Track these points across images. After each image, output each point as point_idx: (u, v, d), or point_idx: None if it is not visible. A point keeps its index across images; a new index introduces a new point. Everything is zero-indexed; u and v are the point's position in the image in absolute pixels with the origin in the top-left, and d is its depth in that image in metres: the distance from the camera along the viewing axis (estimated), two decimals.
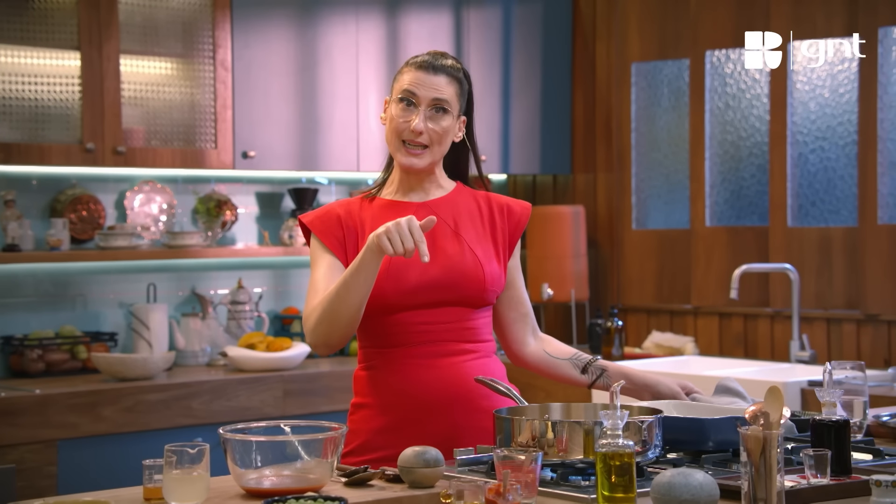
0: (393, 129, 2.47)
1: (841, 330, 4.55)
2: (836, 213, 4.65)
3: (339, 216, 2.48)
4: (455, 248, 2.45)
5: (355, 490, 2.04)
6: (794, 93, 4.71)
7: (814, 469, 2.02)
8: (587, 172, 5.38)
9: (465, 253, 2.45)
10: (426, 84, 2.45)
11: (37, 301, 4.39)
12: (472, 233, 2.49)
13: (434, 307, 2.42)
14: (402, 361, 2.41)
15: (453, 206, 2.51)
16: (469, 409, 2.42)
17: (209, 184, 4.75)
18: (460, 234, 2.48)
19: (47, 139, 4.13)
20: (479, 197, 2.56)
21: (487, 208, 2.54)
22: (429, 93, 2.45)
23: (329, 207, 2.52)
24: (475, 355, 2.47)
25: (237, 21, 4.48)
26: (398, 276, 2.38)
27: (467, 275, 2.44)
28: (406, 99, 2.45)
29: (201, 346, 4.57)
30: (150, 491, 1.95)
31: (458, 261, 2.44)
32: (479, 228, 2.51)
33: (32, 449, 3.78)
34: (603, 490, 1.93)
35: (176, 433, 4.02)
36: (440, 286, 2.41)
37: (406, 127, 2.45)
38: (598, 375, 2.56)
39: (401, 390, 2.40)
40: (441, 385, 2.40)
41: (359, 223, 2.48)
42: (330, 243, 2.45)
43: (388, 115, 2.49)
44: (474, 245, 2.48)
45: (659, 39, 5.14)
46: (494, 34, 5.16)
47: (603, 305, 5.25)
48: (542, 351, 2.59)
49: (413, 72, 2.47)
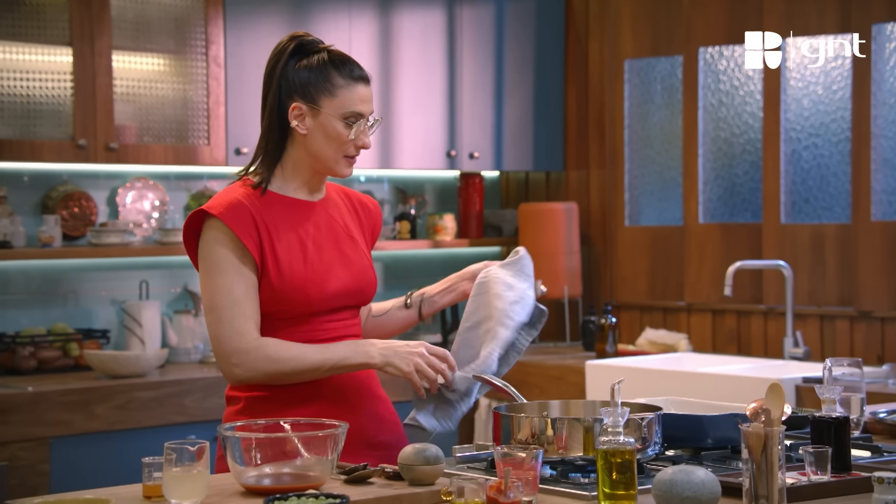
0: (335, 147, 2.39)
1: (834, 327, 4.56)
2: (830, 209, 4.65)
3: (249, 211, 2.34)
4: (355, 254, 2.47)
5: (355, 487, 2.04)
6: (788, 90, 4.72)
7: (814, 466, 2.02)
8: (580, 169, 5.38)
9: (363, 258, 2.49)
10: (366, 100, 2.41)
11: (28, 298, 4.37)
12: (358, 233, 2.52)
13: (339, 310, 2.44)
14: None
15: (336, 204, 2.51)
16: (370, 395, 2.45)
17: (201, 180, 4.74)
18: (354, 238, 2.50)
19: (39, 135, 4.11)
20: (339, 192, 2.56)
21: (350, 203, 2.55)
22: (369, 108, 2.42)
23: (236, 199, 2.36)
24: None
25: (230, 17, 4.47)
26: (321, 283, 2.38)
27: (368, 279, 2.48)
28: (351, 120, 2.38)
29: (194, 344, 4.56)
30: (149, 489, 1.94)
31: (361, 266, 2.47)
32: (358, 228, 2.53)
33: (25, 447, 3.76)
34: (604, 487, 1.93)
35: (169, 431, 4.01)
36: (350, 292, 2.44)
37: (351, 145, 2.40)
38: (420, 301, 2.60)
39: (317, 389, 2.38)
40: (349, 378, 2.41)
41: (268, 219, 2.36)
42: (248, 242, 2.32)
43: (325, 132, 2.37)
44: (363, 247, 2.51)
45: (652, 36, 5.14)
46: (487, 31, 5.15)
47: (596, 302, 5.25)
48: (368, 313, 2.63)
49: (354, 87, 2.39)
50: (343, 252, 2.45)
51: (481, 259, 5.46)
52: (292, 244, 2.38)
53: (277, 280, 2.34)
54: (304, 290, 2.36)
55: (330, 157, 2.41)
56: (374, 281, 2.51)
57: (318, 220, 2.45)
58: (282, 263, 2.35)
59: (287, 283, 2.35)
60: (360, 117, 2.40)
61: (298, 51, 2.41)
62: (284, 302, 2.35)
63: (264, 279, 2.35)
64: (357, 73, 2.41)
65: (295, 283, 2.35)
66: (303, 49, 2.41)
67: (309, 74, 2.39)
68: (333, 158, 2.41)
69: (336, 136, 2.39)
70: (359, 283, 2.46)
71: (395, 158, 4.87)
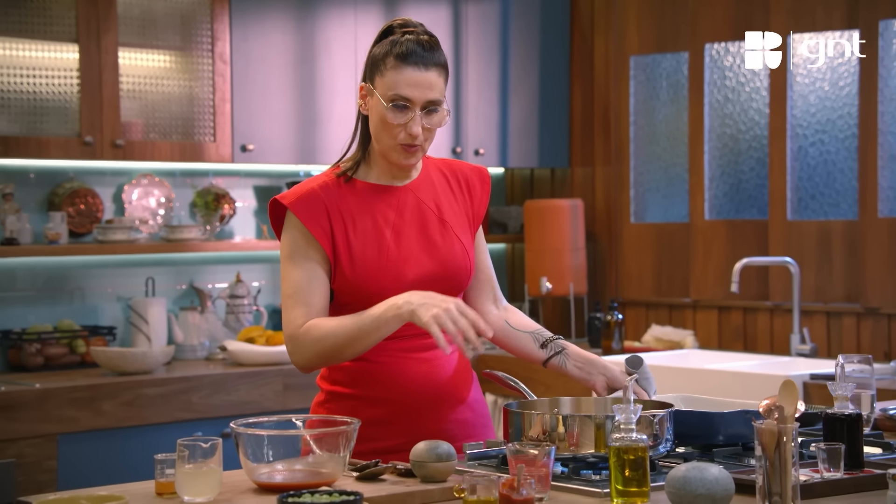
0: (385, 130, 2.32)
1: (841, 323, 4.55)
2: (836, 206, 4.65)
3: (322, 200, 2.33)
4: (444, 238, 2.39)
5: (367, 484, 2.03)
6: (794, 86, 4.71)
7: (827, 463, 2.02)
8: (585, 166, 5.37)
9: (454, 242, 2.40)
10: (420, 84, 2.29)
11: (35, 295, 4.36)
12: (452, 215, 2.43)
13: None
14: (391, 354, 2.35)
15: (430, 185, 2.43)
16: (454, 401, 2.40)
17: (207, 177, 4.74)
18: (445, 220, 2.41)
19: (46, 132, 4.10)
20: (441, 167, 2.48)
21: (455, 180, 2.47)
22: (423, 94, 2.30)
23: (310, 189, 2.35)
24: (454, 345, 2.40)
25: (235, 14, 4.46)
26: (397, 272, 2.32)
27: (458, 265, 2.40)
28: (399, 103, 2.30)
29: (200, 340, 4.56)
30: (162, 485, 1.94)
31: (448, 252, 2.39)
32: (455, 208, 2.44)
33: (32, 443, 3.76)
34: (616, 484, 1.93)
35: (176, 427, 4.01)
36: (435, 279, 2.36)
37: (401, 131, 2.31)
38: (557, 352, 2.48)
39: (393, 384, 2.34)
40: (432, 378, 2.37)
41: (343, 208, 2.34)
42: (316, 232, 2.30)
43: (376, 114, 2.32)
44: (458, 230, 2.42)
45: (657, 33, 5.13)
46: (492, 27, 5.15)
47: (601, 299, 5.24)
48: (503, 321, 2.52)
49: (402, 69, 2.29)
50: (429, 237, 2.38)
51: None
52: (367, 232, 2.33)
53: (350, 270, 2.30)
54: (377, 280, 2.30)
55: (383, 142, 2.34)
56: (468, 266, 2.40)
57: (401, 205, 2.38)
58: (354, 252, 2.31)
59: (360, 272, 2.31)
60: (406, 101, 2.29)
61: (388, 32, 2.36)
62: (359, 291, 2.31)
63: (338, 269, 2.32)
64: (413, 57, 2.29)
65: (368, 272, 2.31)
66: (392, 31, 2.36)
67: (376, 53, 2.34)
68: (387, 144, 2.34)
69: (382, 118, 2.31)
70: (446, 269, 2.37)
71: None
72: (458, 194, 2.46)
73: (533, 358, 2.52)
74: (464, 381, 2.44)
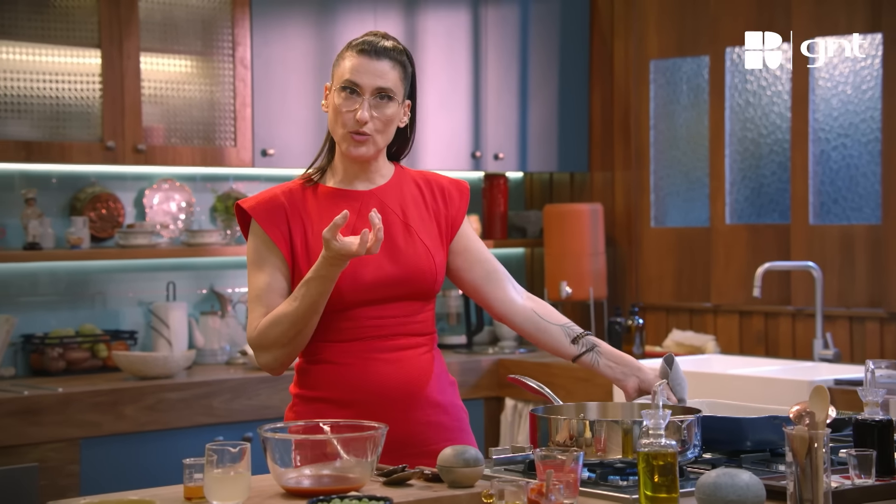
0: (337, 119, 2.37)
1: (864, 328, 4.53)
2: (859, 210, 4.63)
3: (283, 205, 2.38)
4: (407, 242, 2.40)
5: (395, 490, 2.03)
6: (816, 90, 4.69)
7: (858, 469, 2.00)
8: (605, 170, 5.36)
9: (417, 245, 2.41)
10: (369, 71, 2.34)
11: (57, 299, 4.38)
12: (419, 221, 2.44)
13: (387, 302, 2.38)
14: (357, 356, 2.36)
15: (398, 192, 2.45)
16: (425, 403, 2.40)
17: (227, 182, 4.74)
18: (409, 225, 2.43)
19: (68, 137, 4.11)
20: (417, 178, 2.50)
21: (429, 191, 2.48)
22: (372, 80, 2.35)
23: (272, 193, 2.41)
24: (426, 348, 2.44)
25: (256, 18, 4.47)
26: (354, 274, 2.34)
27: (421, 269, 2.40)
28: (348, 87, 2.35)
29: (220, 345, 4.56)
30: (190, 490, 1.94)
31: (410, 255, 2.40)
32: (424, 214, 2.45)
33: (55, 447, 3.77)
34: (646, 490, 1.92)
35: (197, 432, 4.01)
36: (395, 282, 2.38)
37: (350, 117, 2.34)
38: (588, 349, 2.46)
39: (360, 385, 2.35)
40: (401, 380, 2.37)
41: (304, 212, 2.39)
42: (275, 236, 2.35)
43: (331, 104, 2.39)
44: (423, 235, 2.43)
45: (678, 36, 5.12)
46: (512, 31, 5.14)
47: (622, 304, 5.23)
48: (532, 312, 2.50)
49: (354, 57, 2.36)
50: (390, 239, 2.39)
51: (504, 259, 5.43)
52: None
53: (308, 271, 2.31)
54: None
55: (336, 133, 2.39)
56: (430, 269, 2.41)
57: (362, 209, 2.40)
58: (312, 255, 2.34)
59: None
60: (355, 86, 2.35)
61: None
62: None
63: (296, 273, 2.36)
64: (365, 46, 2.37)
65: None
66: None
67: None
68: (339, 134, 2.39)
69: (333, 105, 2.38)
70: (407, 271, 2.39)
71: (419, 159, 4.86)
72: (430, 202, 2.48)
73: (563, 352, 2.49)
74: (437, 385, 2.43)
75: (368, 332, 2.36)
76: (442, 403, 2.42)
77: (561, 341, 2.48)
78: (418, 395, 2.39)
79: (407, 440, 2.33)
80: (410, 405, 2.38)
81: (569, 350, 2.48)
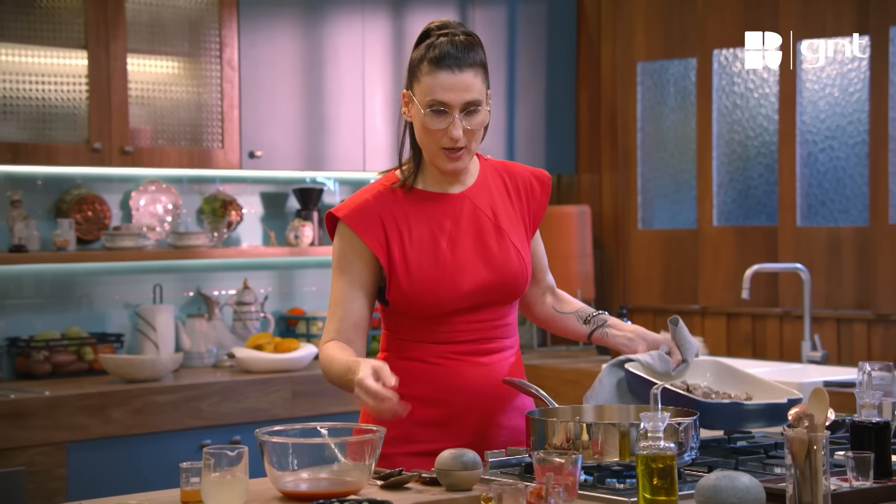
0: (428, 136, 2.30)
1: (851, 330, 4.54)
2: (846, 212, 4.64)
3: (377, 212, 2.33)
4: (500, 246, 2.38)
5: (392, 493, 2.02)
6: (804, 92, 4.70)
7: (855, 472, 2.00)
8: (592, 172, 5.36)
9: (510, 250, 2.39)
10: (455, 87, 2.26)
11: (43, 302, 4.35)
12: (508, 222, 2.41)
13: (482, 308, 2.38)
14: (450, 357, 2.35)
15: (486, 190, 2.41)
16: (506, 406, 2.41)
17: (214, 184, 4.72)
18: (501, 227, 2.40)
19: (54, 139, 4.09)
20: (501, 171, 2.46)
21: (513, 185, 2.45)
22: (460, 97, 2.26)
23: (364, 200, 2.35)
24: (511, 351, 2.45)
25: (244, 20, 4.45)
26: (453, 283, 2.32)
27: (514, 273, 2.39)
28: (436, 108, 2.27)
29: (207, 348, 4.54)
30: (187, 494, 1.92)
31: (504, 260, 2.38)
32: (511, 213, 2.43)
33: (42, 451, 3.74)
34: (644, 493, 1.91)
35: (185, 435, 3.99)
36: (491, 288, 2.36)
37: (443, 135, 2.28)
38: (598, 326, 2.53)
39: (451, 386, 2.34)
40: (487, 382, 2.38)
41: (399, 218, 2.34)
42: (372, 245, 2.31)
43: (417, 120, 2.31)
44: (513, 237, 2.41)
45: (665, 38, 5.12)
46: (499, 33, 5.14)
47: (609, 306, 5.23)
48: (551, 308, 2.57)
49: (437, 74, 2.26)
50: (485, 245, 2.37)
51: None
52: (424, 242, 2.33)
53: (406, 281, 2.30)
54: (433, 291, 2.31)
55: (427, 149, 2.33)
56: (524, 273, 2.39)
57: (457, 213, 2.37)
58: (410, 264, 2.31)
59: (416, 283, 2.31)
60: (443, 106, 2.27)
61: (426, 35, 2.34)
62: (416, 303, 2.31)
63: (393, 281, 2.32)
64: (446, 61, 2.27)
65: (424, 284, 2.31)
66: (429, 34, 2.33)
67: (412, 59, 2.33)
68: (431, 150, 2.32)
69: (422, 124, 2.30)
70: (502, 277, 2.37)
71: None
72: (514, 199, 2.45)
73: (578, 335, 2.58)
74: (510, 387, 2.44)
75: (462, 336, 2.35)
76: (520, 407, 2.43)
77: (574, 325, 2.57)
78: (503, 397, 2.39)
79: (485, 444, 2.31)
80: (495, 408, 2.38)
81: (582, 330, 2.56)
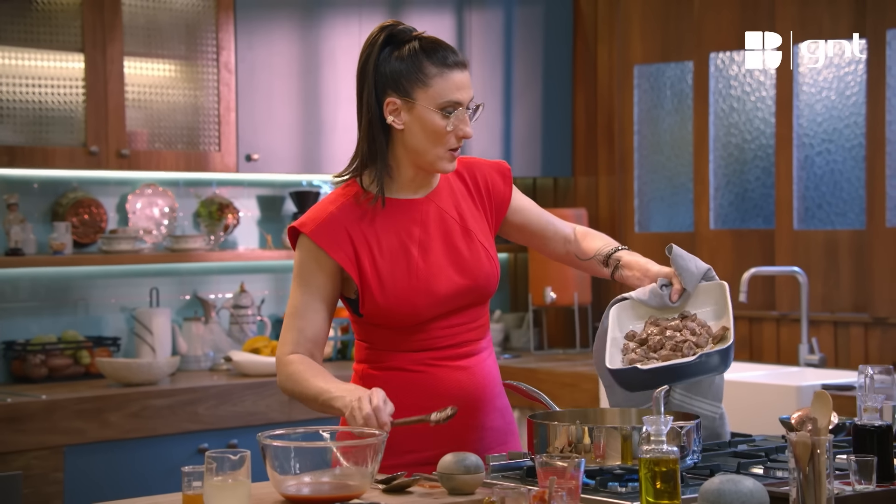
0: (438, 140, 2.28)
1: (848, 333, 4.54)
2: (843, 215, 4.64)
3: (343, 225, 2.29)
4: (469, 248, 2.37)
5: (395, 497, 2.01)
6: (801, 95, 4.71)
7: (858, 475, 2.00)
8: (589, 175, 5.36)
9: (479, 251, 2.39)
10: (465, 85, 2.29)
11: (39, 306, 4.33)
12: (474, 222, 2.41)
13: (457, 311, 2.37)
14: (429, 364, 2.34)
15: (450, 191, 2.41)
16: (487, 408, 2.40)
17: (210, 187, 4.71)
18: (468, 228, 2.39)
19: (51, 142, 4.08)
20: (459, 168, 2.43)
21: (472, 181, 2.44)
22: (469, 94, 2.29)
23: (329, 214, 2.31)
24: (488, 352, 2.44)
25: (240, 23, 4.44)
26: (428, 290, 2.31)
27: (485, 275, 2.38)
28: (450, 108, 2.27)
29: (204, 351, 4.53)
30: (189, 498, 1.91)
31: (475, 262, 2.37)
32: (475, 212, 2.42)
33: (39, 455, 3.73)
34: (648, 497, 1.91)
35: (183, 439, 3.98)
36: (464, 292, 2.36)
37: (452, 136, 2.28)
38: (615, 267, 2.53)
39: (432, 392, 2.33)
40: (468, 386, 2.37)
41: (367, 229, 2.31)
42: (341, 259, 2.27)
43: (426, 126, 2.28)
44: (480, 237, 2.40)
45: (662, 42, 5.13)
46: (496, 36, 5.14)
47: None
48: (574, 256, 2.57)
49: (448, 75, 2.28)
50: (456, 249, 2.36)
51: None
52: (395, 252, 2.31)
53: (380, 294, 2.28)
54: (409, 301, 2.29)
55: (430, 152, 2.30)
56: (493, 273, 2.39)
57: (424, 219, 2.36)
58: (383, 275, 2.29)
59: (391, 295, 2.28)
60: (457, 106, 2.28)
61: (389, 41, 2.30)
62: (391, 314, 2.29)
63: (367, 294, 2.29)
64: (451, 60, 2.29)
65: (399, 295, 2.29)
66: (393, 39, 2.30)
67: (401, 65, 2.28)
68: (435, 153, 2.30)
69: (434, 128, 2.28)
70: (474, 280, 2.36)
71: None
72: (476, 197, 2.44)
73: (603, 275, 2.58)
74: (497, 387, 2.44)
75: (439, 342, 2.34)
76: (500, 407, 2.43)
77: (597, 269, 2.56)
78: (484, 400, 2.39)
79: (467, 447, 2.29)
80: (477, 411, 2.38)
81: (605, 272, 2.56)
